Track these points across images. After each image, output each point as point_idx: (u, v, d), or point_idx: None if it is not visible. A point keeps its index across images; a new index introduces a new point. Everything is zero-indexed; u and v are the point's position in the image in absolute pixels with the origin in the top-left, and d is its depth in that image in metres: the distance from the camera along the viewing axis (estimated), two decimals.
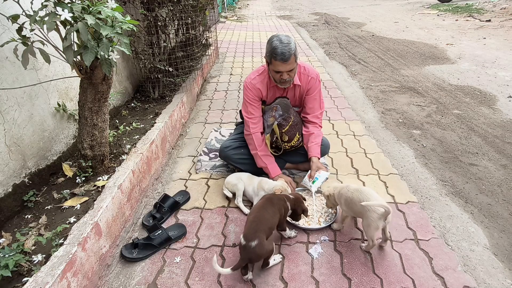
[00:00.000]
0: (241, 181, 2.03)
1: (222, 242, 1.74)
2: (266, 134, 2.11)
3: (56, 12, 1.36)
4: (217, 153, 2.47)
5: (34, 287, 1.17)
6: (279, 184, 1.87)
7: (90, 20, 1.36)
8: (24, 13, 1.44)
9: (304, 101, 2.18)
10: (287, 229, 1.71)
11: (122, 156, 2.08)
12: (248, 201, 2.04)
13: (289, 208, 1.67)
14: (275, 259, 1.58)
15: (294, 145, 2.15)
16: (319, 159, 2.09)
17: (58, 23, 1.44)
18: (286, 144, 2.13)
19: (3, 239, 1.49)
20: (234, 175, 2.11)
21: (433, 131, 2.94)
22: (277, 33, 1.95)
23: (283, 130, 2.07)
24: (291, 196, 1.72)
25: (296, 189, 2.11)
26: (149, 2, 2.89)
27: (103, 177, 1.87)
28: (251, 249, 1.41)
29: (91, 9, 1.46)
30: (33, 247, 1.44)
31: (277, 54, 1.85)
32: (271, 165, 2.10)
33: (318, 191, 2.03)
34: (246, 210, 1.95)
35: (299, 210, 1.69)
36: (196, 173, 2.36)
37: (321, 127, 2.21)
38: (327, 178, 2.01)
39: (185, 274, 1.55)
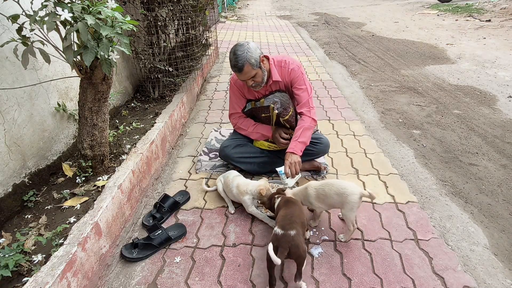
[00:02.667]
0: (220, 182, 2.08)
1: (222, 242, 1.74)
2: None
3: (56, 12, 1.36)
4: (217, 153, 2.47)
5: (34, 287, 1.17)
6: (262, 183, 1.86)
7: (90, 20, 1.36)
8: (24, 13, 1.44)
9: (292, 93, 2.18)
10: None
11: (122, 156, 2.08)
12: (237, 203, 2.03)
13: None
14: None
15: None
16: (294, 154, 2.03)
17: (58, 23, 1.44)
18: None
19: (3, 239, 1.49)
20: (227, 173, 2.10)
21: (433, 131, 2.94)
22: (239, 42, 1.96)
23: (284, 118, 2.11)
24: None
25: (270, 181, 2.17)
26: (149, 2, 2.89)
27: (103, 177, 1.87)
28: (291, 237, 1.37)
29: (91, 9, 1.46)
30: (33, 247, 1.44)
31: (231, 66, 1.94)
32: (263, 129, 2.23)
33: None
34: (232, 209, 1.97)
35: None
36: (196, 173, 2.36)
37: (310, 116, 2.11)
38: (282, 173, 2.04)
39: (185, 274, 1.55)
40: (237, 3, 14.74)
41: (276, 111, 2.07)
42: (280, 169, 1.99)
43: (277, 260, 1.29)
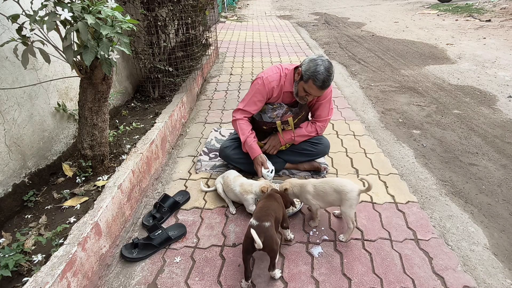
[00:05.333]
0: (220, 183, 2.08)
1: (222, 242, 1.74)
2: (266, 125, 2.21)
3: (56, 12, 1.36)
4: (217, 153, 2.47)
5: (34, 287, 1.17)
6: (263, 183, 1.88)
7: (90, 19, 1.36)
8: (24, 13, 1.44)
9: (314, 106, 2.20)
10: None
11: (122, 156, 2.08)
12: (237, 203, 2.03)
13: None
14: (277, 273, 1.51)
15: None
16: (282, 143, 2.20)
17: (58, 22, 1.44)
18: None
19: (3, 239, 1.49)
20: (226, 173, 2.10)
21: (433, 131, 2.94)
22: (322, 56, 1.92)
23: (295, 121, 2.16)
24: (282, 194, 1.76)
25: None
26: (149, 2, 2.89)
27: (103, 177, 1.87)
28: (265, 228, 1.40)
29: (91, 8, 1.46)
30: (33, 247, 1.44)
31: (318, 80, 1.84)
32: (252, 147, 2.13)
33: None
34: (233, 209, 1.97)
35: (288, 204, 1.75)
36: (196, 173, 2.36)
37: (318, 131, 2.23)
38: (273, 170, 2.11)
39: (185, 274, 1.55)
40: (237, 3, 14.74)
41: (280, 121, 2.14)
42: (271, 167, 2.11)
43: (260, 243, 1.33)
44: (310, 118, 2.33)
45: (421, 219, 1.86)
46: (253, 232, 1.35)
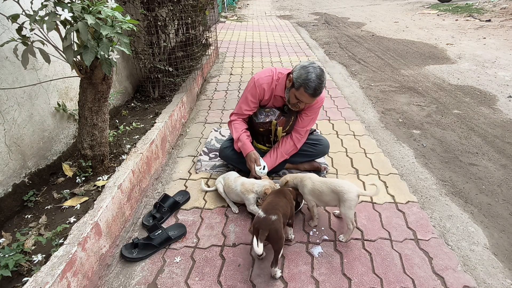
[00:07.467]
0: (220, 183, 2.07)
1: (222, 242, 1.74)
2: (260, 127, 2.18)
3: (56, 12, 1.36)
4: (217, 153, 2.47)
5: (34, 287, 1.17)
6: (267, 183, 1.88)
7: (90, 20, 1.36)
8: (24, 13, 1.44)
9: (299, 115, 2.17)
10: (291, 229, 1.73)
11: (122, 156, 2.08)
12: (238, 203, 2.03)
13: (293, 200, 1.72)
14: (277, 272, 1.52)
15: None
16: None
17: (58, 22, 1.44)
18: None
19: (3, 239, 1.49)
20: (227, 174, 2.10)
21: (433, 131, 2.94)
22: (314, 63, 1.88)
23: (286, 129, 2.14)
24: (292, 189, 1.79)
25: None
26: (149, 2, 2.89)
27: (103, 177, 1.87)
28: (271, 221, 1.42)
29: (91, 8, 1.46)
30: (33, 247, 1.44)
31: (309, 88, 1.83)
32: (245, 145, 2.12)
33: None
34: (235, 209, 1.97)
35: (299, 199, 1.78)
36: (196, 173, 2.36)
37: (295, 144, 2.17)
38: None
39: (185, 274, 1.55)
40: (237, 3, 14.73)
41: (275, 121, 2.12)
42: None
43: (259, 250, 1.33)
44: None
45: (421, 219, 1.86)
46: (254, 241, 1.35)
